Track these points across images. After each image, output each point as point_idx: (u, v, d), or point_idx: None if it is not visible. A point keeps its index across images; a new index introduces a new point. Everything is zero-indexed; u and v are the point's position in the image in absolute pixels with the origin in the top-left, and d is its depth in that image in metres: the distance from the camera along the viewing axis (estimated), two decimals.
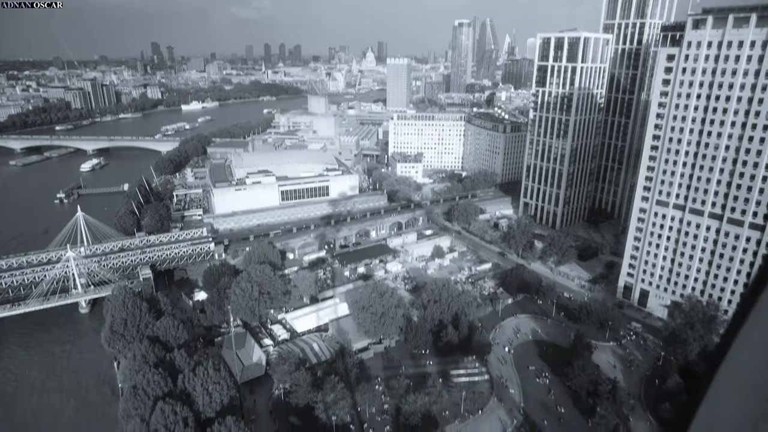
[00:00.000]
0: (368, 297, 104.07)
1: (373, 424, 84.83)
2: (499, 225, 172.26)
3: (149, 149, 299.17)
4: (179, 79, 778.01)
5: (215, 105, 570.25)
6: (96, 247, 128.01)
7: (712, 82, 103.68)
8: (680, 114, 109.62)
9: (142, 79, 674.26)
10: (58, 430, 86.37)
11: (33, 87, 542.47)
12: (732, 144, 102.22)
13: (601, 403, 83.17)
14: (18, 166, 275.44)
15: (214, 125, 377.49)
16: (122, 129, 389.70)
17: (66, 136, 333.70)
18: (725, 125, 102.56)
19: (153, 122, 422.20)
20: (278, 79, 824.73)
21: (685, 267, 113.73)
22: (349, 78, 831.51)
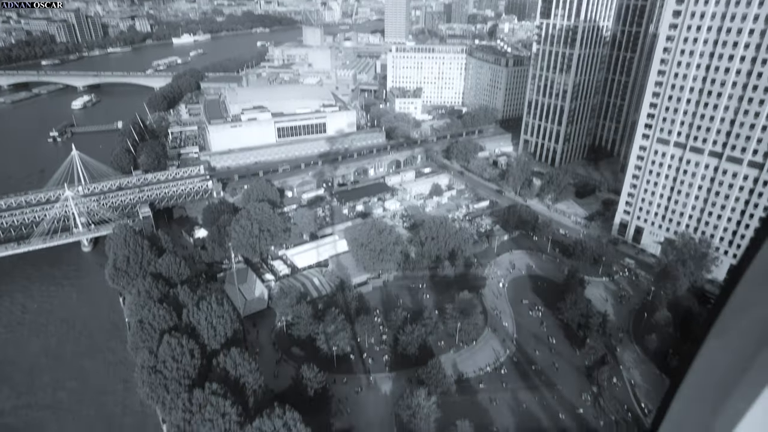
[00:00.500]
0: (367, 234, 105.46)
1: (372, 353, 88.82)
2: (498, 163, 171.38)
3: (141, 85, 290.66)
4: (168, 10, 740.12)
5: (207, 38, 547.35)
6: (94, 186, 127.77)
7: (725, 13, 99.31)
8: (689, 48, 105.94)
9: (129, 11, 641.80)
10: (70, 361, 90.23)
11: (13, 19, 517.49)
12: (740, 80, 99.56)
13: (591, 335, 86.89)
14: (7, 103, 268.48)
15: (207, 59, 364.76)
16: (112, 64, 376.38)
17: (54, 72, 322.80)
18: (734, 60, 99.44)
19: (143, 57, 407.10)
20: (271, 10, 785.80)
21: (681, 205, 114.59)
22: (345, 7, 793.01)
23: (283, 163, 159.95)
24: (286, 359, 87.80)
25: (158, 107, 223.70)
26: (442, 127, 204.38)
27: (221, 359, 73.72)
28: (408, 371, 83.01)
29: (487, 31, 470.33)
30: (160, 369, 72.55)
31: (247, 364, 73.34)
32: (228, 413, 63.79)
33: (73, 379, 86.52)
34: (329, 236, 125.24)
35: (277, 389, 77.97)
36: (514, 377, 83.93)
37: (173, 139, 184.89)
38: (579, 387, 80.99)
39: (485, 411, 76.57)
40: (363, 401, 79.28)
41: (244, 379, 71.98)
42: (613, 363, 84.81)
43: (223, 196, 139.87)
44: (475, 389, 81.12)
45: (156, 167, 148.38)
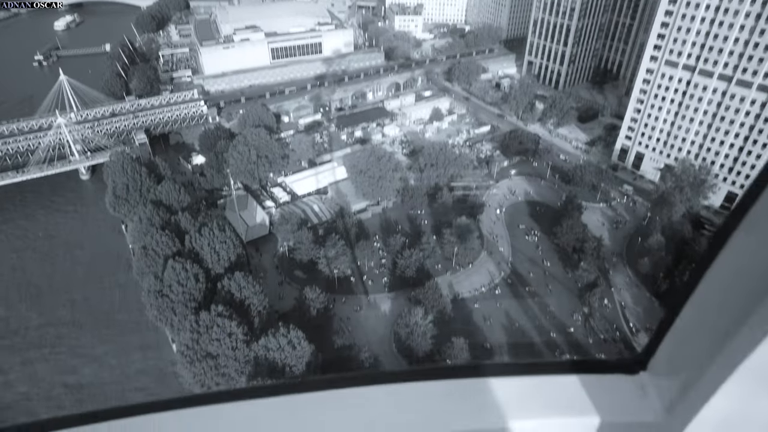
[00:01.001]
0: (366, 161, 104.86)
1: (371, 276, 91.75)
2: (501, 85, 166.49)
3: (127, 4, 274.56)
4: None
5: None
6: (86, 112, 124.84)
7: None
8: None
9: None
10: (79, 286, 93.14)
11: None
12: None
13: (585, 259, 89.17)
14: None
15: None
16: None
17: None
18: None
19: None
20: None
21: (684, 130, 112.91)
22: None
23: (279, 86, 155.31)
24: (289, 282, 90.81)
25: (147, 28, 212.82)
26: (444, 47, 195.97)
27: (226, 283, 76.10)
28: (406, 292, 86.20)
29: None
30: (166, 293, 75.13)
31: (252, 287, 75.88)
32: (234, 333, 66.99)
33: (86, 300, 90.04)
34: (328, 163, 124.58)
35: (281, 311, 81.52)
36: (508, 298, 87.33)
37: (164, 63, 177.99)
38: (571, 308, 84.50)
39: (479, 329, 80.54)
40: (363, 320, 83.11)
41: (249, 301, 74.78)
42: (605, 286, 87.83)
43: (218, 122, 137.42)
44: (469, 308, 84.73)
45: (149, 92, 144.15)
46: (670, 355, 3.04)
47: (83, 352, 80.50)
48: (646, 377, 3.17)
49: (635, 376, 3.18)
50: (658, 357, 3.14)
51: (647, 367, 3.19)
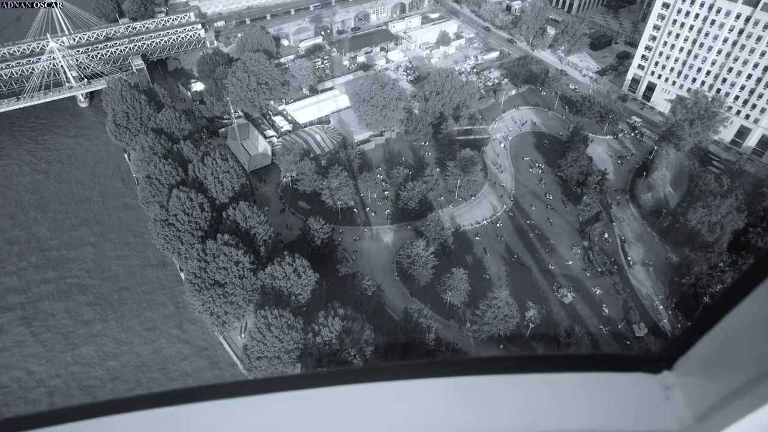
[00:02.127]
0: (369, 89, 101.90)
1: (374, 207, 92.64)
2: (511, 8, 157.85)
3: None
4: None
5: None
6: (79, 36, 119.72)
7: None
8: None
9: None
10: (85, 216, 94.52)
11: None
12: None
13: (588, 192, 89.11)
14: None
15: None
16: None
17: None
18: None
19: None
20: None
21: (700, 60, 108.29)
22: None
23: (278, 7, 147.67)
24: (293, 212, 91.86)
25: None
26: None
27: (231, 212, 76.93)
28: (408, 224, 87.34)
29: None
30: (172, 222, 76.18)
31: (257, 217, 76.77)
32: (241, 261, 68.77)
33: (99, 223, 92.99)
34: (330, 90, 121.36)
35: (286, 240, 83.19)
36: (509, 230, 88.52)
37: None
38: (571, 241, 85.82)
39: (479, 260, 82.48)
40: (366, 250, 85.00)
41: (255, 231, 76.03)
42: (607, 220, 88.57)
43: (216, 46, 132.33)
44: (470, 241, 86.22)
45: (143, 14, 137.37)
46: (709, 356, 2.62)
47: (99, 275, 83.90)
48: (671, 378, 2.76)
49: (658, 375, 2.78)
50: (690, 356, 2.72)
51: (674, 366, 2.79)
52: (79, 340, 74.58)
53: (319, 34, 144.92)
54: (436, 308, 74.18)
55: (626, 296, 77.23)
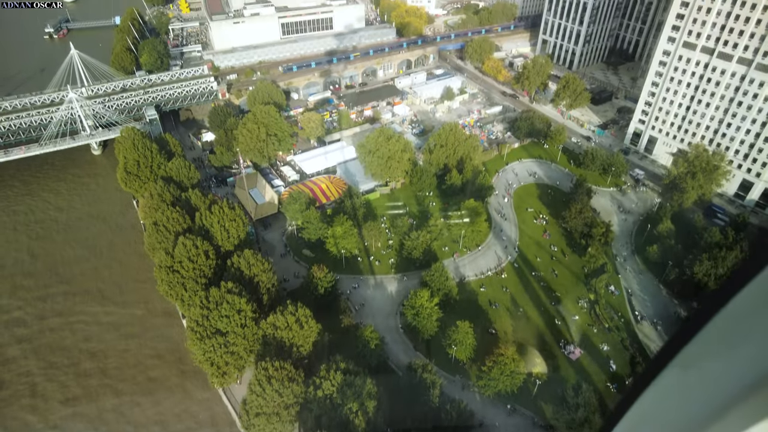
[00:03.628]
0: (375, 141, 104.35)
1: (378, 257, 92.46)
2: (514, 64, 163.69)
3: None
4: None
5: None
6: (97, 87, 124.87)
7: None
8: None
9: None
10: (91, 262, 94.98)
11: None
12: None
13: (593, 244, 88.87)
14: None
15: None
16: None
17: None
18: None
19: None
20: None
21: (699, 115, 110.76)
22: None
23: (289, 62, 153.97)
24: (297, 260, 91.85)
25: (156, 1, 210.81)
26: (457, 24, 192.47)
27: (235, 260, 77.13)
28: (412, 273, 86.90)
29: None
30: (177, 269, 76.32)
31: (261, 265, 76.83)
32: (243, 310, 68.19)
33: (107, 268, 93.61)
34: (337, 142, 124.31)
35: (289, 288, 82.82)
36: (514, 282, 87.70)
37: (174, 37, 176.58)
38: (577, 294, 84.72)
39: (485, 313, 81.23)
40: (370, 300, 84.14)
41: (258, 279, 75.87)
42: (612, 272, 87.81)
43: (228, 98, 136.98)
44: (475, 292, 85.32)
45: (159, 67, 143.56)
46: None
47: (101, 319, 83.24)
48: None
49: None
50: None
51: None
52: (79, 391, 73.10)
53: (328, 88, 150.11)
54: (441, 363, 72.51)
55: (634, 352, 75.33)
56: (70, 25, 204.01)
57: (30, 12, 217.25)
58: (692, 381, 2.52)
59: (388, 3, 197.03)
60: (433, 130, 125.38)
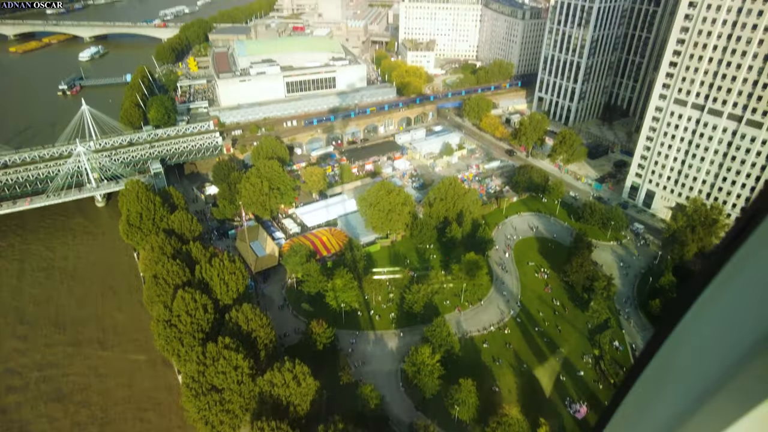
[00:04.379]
0: (376, 194, 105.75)
1: (378, 311, 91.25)
2: (511, 121, 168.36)
3: (149, 36, 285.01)
4: None
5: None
6: (105, 141, 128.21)
7: None
8: (716, 2, 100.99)
9: None
10: (90, 313, 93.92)
11: None
12: (766, 38, 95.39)
13: (595, 298, 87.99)
14: (18, 53, 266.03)
15: (214, 8, 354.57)
16: (117, 13, 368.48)
17: (60, 22, 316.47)
18: (763, 17, 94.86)
19: (150, 6, 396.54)
20: None
21: (695, 169, 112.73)
22: None
23: (293, 119, 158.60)
24: (296, 315, 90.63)
25: (166, 60, 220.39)
26: (455, 83, 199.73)
27: (233, 314, 76.25)
28: (413, 329, 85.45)
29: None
30: (174, 323, 75.33)
31: (259, 319, 75.92)
32: (240, 366, 66.70)
33: (108, 318, 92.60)
34: (338, 195, 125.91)
35: (287, 343, 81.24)
36: (518, 337, 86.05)
37: (182, 93, 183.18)
38: (581, 350, 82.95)
39: (488, 370, 79.17)
40: (370, 356, 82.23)
41: (256, 334, 74.69)
42: (616, 327, 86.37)
43: (233, 153, 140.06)
44: (478, 348, 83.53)
45: (166, 122, 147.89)
46: None
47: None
48: None
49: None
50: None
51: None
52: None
53: (331, 143, 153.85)
54: (443, 423, 69.88)
55: None
56: (83, 83, 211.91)
57: (47, 70, 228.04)
58: (674, 375, 2.70)
59: (389, 63, 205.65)
60: (432, 184, 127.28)
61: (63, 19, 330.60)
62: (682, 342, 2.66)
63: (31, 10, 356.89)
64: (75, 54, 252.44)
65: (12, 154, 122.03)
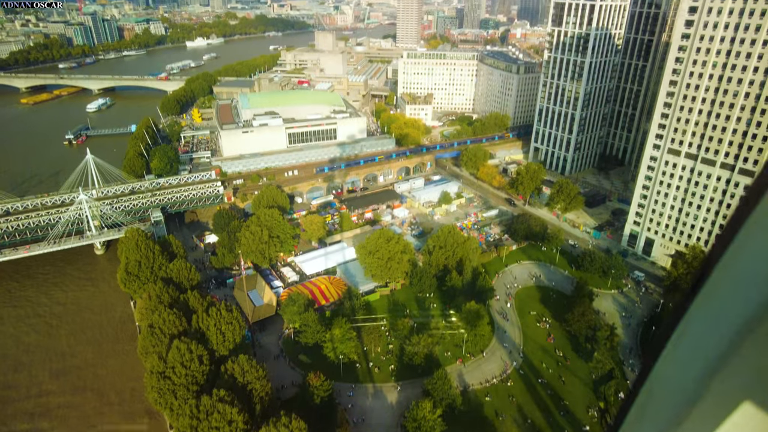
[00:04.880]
0: (375, 242, 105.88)
1: (378, 363, 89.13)
2: (508, 170, 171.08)
3: (155, 89, 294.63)
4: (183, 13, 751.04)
5: (220, 41, 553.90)
6: (107, 189, 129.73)
7: (738, 24, 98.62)
8: (701, 58, 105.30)
9: (144, 14, 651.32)
10: (82, 364, 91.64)
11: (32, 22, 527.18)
12: (752, 91, 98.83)
13: (599, 348, 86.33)
14: (29, 105, 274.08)
15: (220, 62, 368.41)
16: (127, 67, 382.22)
17: (70, 75, 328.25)
18: (747, 71, 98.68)
19: (157, 60, 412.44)
20: (284, 13, 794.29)
21: (692, 217, 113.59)
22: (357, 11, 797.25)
23: (294, 169, 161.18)
24: (293, 367, 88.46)
25: (171, 111, 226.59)
26: (453, 134, 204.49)
27: (229, 366, 74.47)
28: (414, 381, 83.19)
29: (499, 36, 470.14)
30: (168, 375, 73.45)
31: (255, 371, 73.99)
32: (235, 421, 64.44)
33: (102, 366, 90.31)
34: (338, 243, 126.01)
35: (283, 397, 78.80)
36: (521, 390, 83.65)
37: (185, 143, 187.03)
38: (586, 402, 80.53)
39: (491, 425, 76.44)
40: (369, 411, 79.57)
41: (252, 386, 72.61)
42: (621, 378, 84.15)
43: (234, 202, 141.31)
44: (481, 402, 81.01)
45: (168, 171, 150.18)
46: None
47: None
48: None
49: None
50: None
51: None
52: None
53: (331, 192, 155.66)
54: None
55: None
56: (89, 132, 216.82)
57: (55, 121, 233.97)
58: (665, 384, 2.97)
59: (389, 116, 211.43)
60: (431, 232, 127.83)
61: (73, 73, 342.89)
62: (673, 350, 2.94)
63: (44, 64, 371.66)
64: (83, 105, 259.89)
65: (15, 201, 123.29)
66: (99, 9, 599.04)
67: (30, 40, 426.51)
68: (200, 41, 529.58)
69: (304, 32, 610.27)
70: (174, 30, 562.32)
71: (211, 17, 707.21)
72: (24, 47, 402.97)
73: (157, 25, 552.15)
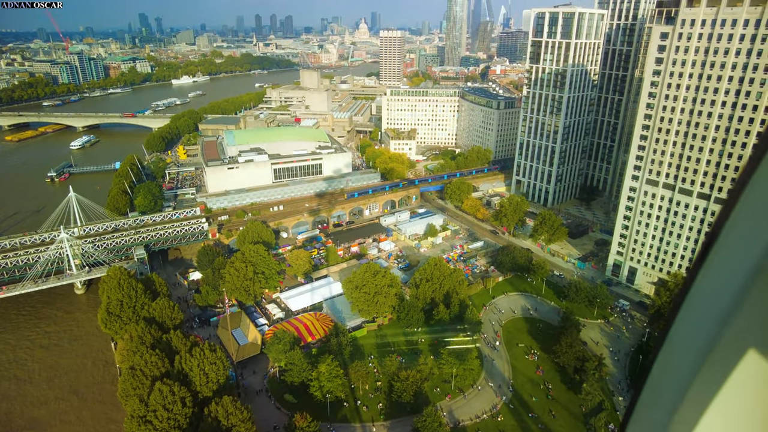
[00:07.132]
0: (361, 277, 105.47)
1: (366, 401, 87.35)
2: (491, 203, 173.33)
3: (140, 126, 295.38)
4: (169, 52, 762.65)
5: (206, 79, 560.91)
6: (89, 227, 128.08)
7: (705, 61, 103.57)
8: (672, 93, 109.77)
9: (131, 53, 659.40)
10: (59, 410, 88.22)
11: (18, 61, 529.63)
12: (722, 124, 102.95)
13: (587, 379, 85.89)
14: (14, 142, 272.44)
15: (205, 100, 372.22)
16: (112, 104, 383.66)
17: (55, 113, 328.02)
18: (716, 105, 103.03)
19: (143, 97, 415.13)
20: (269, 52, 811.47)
21: (673, 245, 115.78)
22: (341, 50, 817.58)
23: (280, 204, 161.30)
24: (278, 407, 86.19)
25: (156, 148, 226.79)
26: (436, 168, 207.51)
27: (213, 408, 72.33)
28: (403, 420, 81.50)
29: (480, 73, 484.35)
30: (149, 419, 70.99)
31: (239, 413, 71.93)
32: None
33: (87, 410, 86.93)
34: (324, 278, 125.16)
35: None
36: (512, 425, 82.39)
37: (170, 180, 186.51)
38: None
39: None
40: None
41: (236, 429, 70.46)
42: (611, 409, 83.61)
43: (218, 238, 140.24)
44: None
45: (152, 208, 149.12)
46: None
47: None
48: None
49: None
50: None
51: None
52: None
53: (317, 227, 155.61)
54: None
55: None
56: (72, 170, 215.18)
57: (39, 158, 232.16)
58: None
59: (373, 151, 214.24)
60: (418, 264, 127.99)
61: (58, 110, 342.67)
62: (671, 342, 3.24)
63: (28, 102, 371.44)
64: (67, 143, 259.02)
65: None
66: (86, 48, 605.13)
67: (15, 78, 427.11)
68: (186, 79, 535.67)
69: (289, 70, 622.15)
70: (160, 68, 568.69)
71: (197, 56, 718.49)
72: (8, 86, 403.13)
73: (143, 64, 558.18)
